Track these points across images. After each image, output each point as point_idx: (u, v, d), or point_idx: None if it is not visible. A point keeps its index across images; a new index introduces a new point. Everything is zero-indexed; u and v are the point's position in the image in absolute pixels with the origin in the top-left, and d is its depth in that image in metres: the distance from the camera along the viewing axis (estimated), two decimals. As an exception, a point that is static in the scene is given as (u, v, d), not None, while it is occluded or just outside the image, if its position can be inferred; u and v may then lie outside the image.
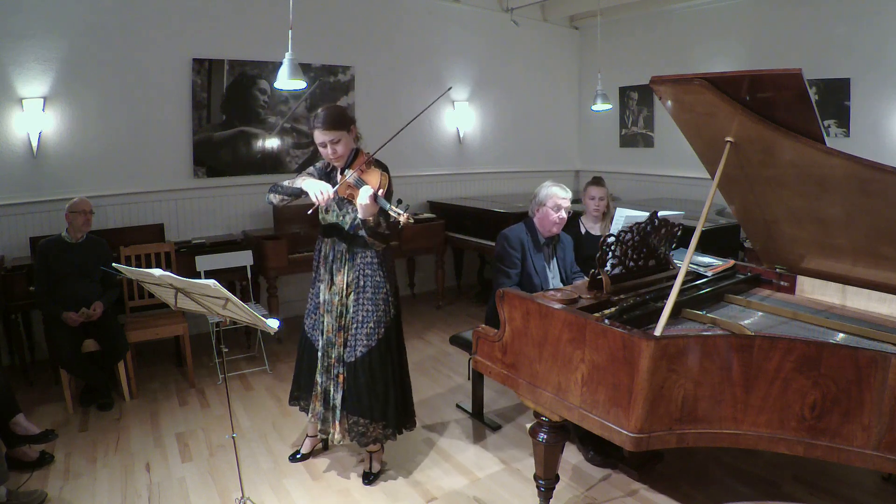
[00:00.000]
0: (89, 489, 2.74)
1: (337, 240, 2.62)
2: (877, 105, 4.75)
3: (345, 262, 2.61)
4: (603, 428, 1.88)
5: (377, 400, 2.64)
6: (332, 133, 2.49)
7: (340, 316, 2.63)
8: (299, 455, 2.98)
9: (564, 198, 3.09)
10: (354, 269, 2.61)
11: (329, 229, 2.65)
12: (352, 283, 2.61)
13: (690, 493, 2.67)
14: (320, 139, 2.50)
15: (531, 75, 6.80)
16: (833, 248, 2.33)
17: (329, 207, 2.60)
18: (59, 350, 3.46)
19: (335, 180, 2.64)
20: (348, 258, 2.61)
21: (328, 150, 2.52)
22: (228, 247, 4.48)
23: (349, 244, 2.60)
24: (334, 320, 2.64)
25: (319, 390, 2.71)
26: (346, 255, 2.61)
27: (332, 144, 2.50)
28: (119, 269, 2.21)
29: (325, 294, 2.66)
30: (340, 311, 2.63)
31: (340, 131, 2.50)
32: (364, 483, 2.80)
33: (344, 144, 2.53)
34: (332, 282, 2.64)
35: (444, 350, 4.51)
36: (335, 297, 2.63)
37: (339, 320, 2.63)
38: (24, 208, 4.18)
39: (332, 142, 2.50)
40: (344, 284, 2.62)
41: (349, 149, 2.56)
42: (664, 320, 1.86)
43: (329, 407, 2.68)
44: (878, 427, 1.69)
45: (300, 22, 3.99)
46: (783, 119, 1.96)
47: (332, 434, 2.69)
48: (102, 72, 4.34)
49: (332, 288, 2.64)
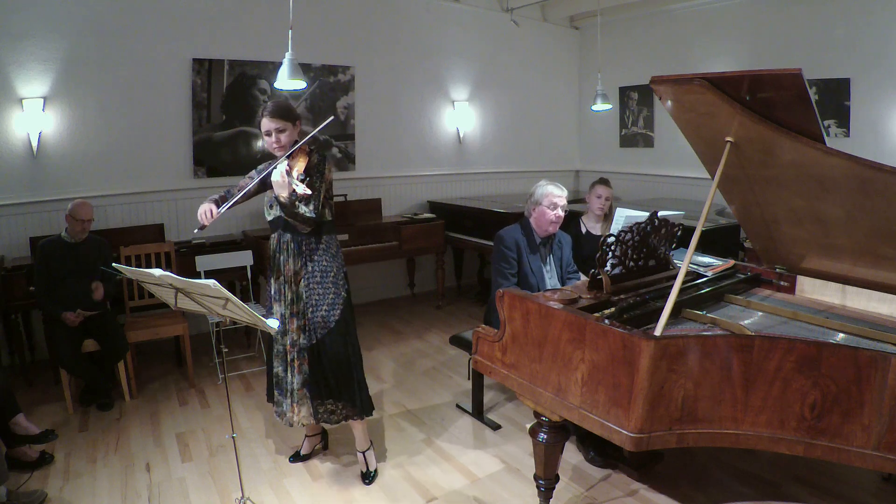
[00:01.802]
0: (89, 489, 2.74)
1: (281, 231, 2.67)
2: (877, 105, 4.75)
3: (290, 251, 2.66)
4: (603, 428, 1.88)
5: (342, 379, 2.71)
6: (278, 122, 2.55)
7: (292, 303, 2.67)
8: (300, 456, 2.99)
9: (560, 196, 3.07)
10: (301, 257, 2.66)
11: (274, 224, 2.70)
12: (300, 270, 2.66)
13: (690, 493, 2.67)
14: (266, 127, 2.56)
15: (531, 75, 6.80)
16: (833, 248, 2.33)
17: (272, 203, 2.64)
18: (59, 350, 3.46)
19: None
20: (293, 247, 2.66)
21: (272, 139, 2.57)
22: (228, 247, 4.48)
23: (293, 233, 2.66)
24: (285, 308, 2.68)
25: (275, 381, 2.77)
26: (290, 244, 2.66)
27: (276, 133, 2.56)
28: (119, 269, 2.21)
29: (275, 284, 2.71)
30: (291, 298, 2.67)
31: (286, 122, 2.56)
32: (364, 483, 2.81)
33: (287, 136, 2.58)
34: (281, 272, 2.68)
35: (444, 350, 4.51)
36: (283, 286, 2.68)
37: (291, 307, 2.67)
38: (24, 208, 4.18)
39: (277, 130, 2.55)
40: (291, 273, 2.66)
41: (291, 141, 2.61)
42: (664, 320, 1.86)
43: (286, 392, 2.72)
44: (877, 427, 1.69)
45: (300, 22, 3.99)
46: (783, 119, 1.96)
47: (291, 416, 2.72)
48: (102, 72, 4.34)
49: (279, 277, 2.69)
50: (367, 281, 5.87)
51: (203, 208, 2.51)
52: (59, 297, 3.52)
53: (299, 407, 2.70)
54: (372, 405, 2.86)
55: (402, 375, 4.09)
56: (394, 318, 5.40)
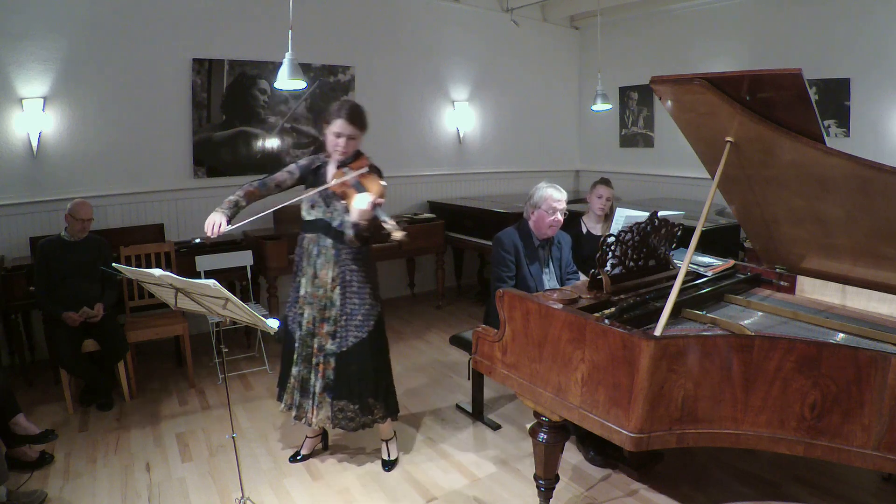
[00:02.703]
0: (89, 489, 2.74)
1: (322, 235, 2.64)
2: (877, 105, 4.75)
3: (329, 257, 2.64)
4: (603, 428, 1.88)
5: (367, 387, 2.71)
6: (354, 129, 2.53)
7: (324, 308, 2.67)
8: (300, 456, 2.99)
9: (560, 199, 3.04)
10: (339, 265, 2.64)
11: (313, 225, 2.66)
12: (336, 277, 2.64)
13: (690, 493, 2.67)
14: (339, 128, 2.51)
15: (531, 75, 6.79)
16: (833, 248, 2.33)
17: (315, 203, 2.62)
18: (59, 350, 3.46)
19: (323, 178, 2.66)
20: (333, 254, 2.64)
21: (341, 142, 2.53)
22: (228, 247, 4.48)
23: (334, 240, 2.63)
24: (316, 312, 2.67)
25: (294, 381, 2.76)
26: (330, 250, 2.64)
27: (347, 139, 2.53)
28: (119, 269, 2.21)
29: (308, 287, 2.69)
30: (325, 303, 2.66)
31: (361, 130, 2.55)
32: (385, 470, 2.88)
33: (355, 144, 2.57)
34: (316, 275, 2.66)
35: (444, 350, 4.51)
36: (318, 290, 2.66)
37: (323, 312, 2.67)
38: (24, 208, 4.18)
39: (349, 136, 2.53)
40: (329, 279, 2.64)
41: (354, 150, 2.59)
42: (664, 320, 1.86)
43: (308, 395, 2.73)
44: (877, 427, 1.69)
45: (300, 22, 3.99)
46: (783, 119, 1.96)
47: (311, 417, 2.73)
48: (102, 72, 4.34)
49: (315, 281, 2.67)
50: (367, 281, 5.87)
51: (212, 220, 2.45)
52: (59, 296, 3.52)
53: (318, 410, 2.71)
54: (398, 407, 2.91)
55: (401, 375, 4.08)
56: (394, 318, 5.39)
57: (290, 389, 2.78)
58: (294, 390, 2.76)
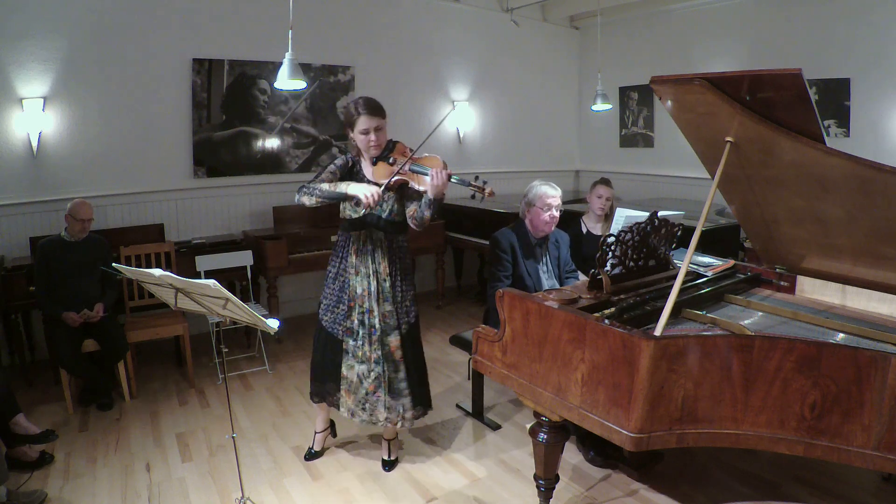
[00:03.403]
0: (89, 489, 2.74)
1: (373, 230, 2.64)
2: (877, 105, 4.75)
3: (385, 249, 2.66)
4: (603, 428, 1.88)
5: (421, 373, 2.78)
6: (378, 119, 2.52)
7: (387, 301, 2.68)
8: (314, 453, 2.99)
9: (554, 196, 3.05)
10: (391, 253, 2.68)
11: (360, 222, 2.64)
12: (391, 266, 2.68)
13: (690, 493, 2.67)
14: (365, 125, 2.50)
15: (531, 75, 6.79)
16: (833, 248, 2.33)
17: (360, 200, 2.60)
18: (59, 350, 3.46)
19: (360, 175, 2.65)
20: (386, 245, 2.66)
21: (371, 137, 2.52)
22: (228, 247, 4.48)
23: (386, 232, 2.65)
24: (390, 305, 2.68)
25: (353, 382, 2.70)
26: (384, 242, 2.66)
27: (375, 131, 2.52)
28: (119, 269, 2.21)
29: (368, 284, 2.65)
30: (388, 296, 2.68)
31: (384, 118, 2.54)
32: (385, 470, 2.88)
33: (384, 133, 2.56)
34: (377, 271, 2.66)
35: (444, 350, 4.51)
36: (384, 282, 2.67)
37: (390, 304, 2.68)
38: (24, 208, 4.18)
39: (377, 128, 2.52)
40: (387, 271, 2.67)
41: (386, 138, 2.59)
42: (664, 320, 1.86)
43: (396, 395, 2.71)
44: (877, 427, 1.69)
45: (300, 22, 3.99)
46: (783, 119, 1.96)
47: (404, 423, 2.74)
48: (102, 72, 4.34)
49: (377, 276, 2.66)
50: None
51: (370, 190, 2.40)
52: (59, 296, 3.52)
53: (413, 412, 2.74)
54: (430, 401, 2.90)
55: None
56: (394, 318, 5.40)
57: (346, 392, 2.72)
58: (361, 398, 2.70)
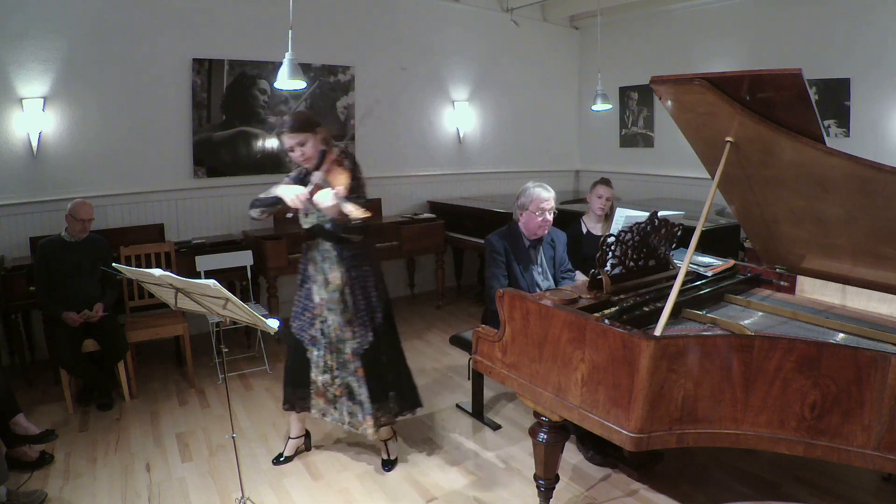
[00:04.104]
0: (89, 489, 2.74)
1: (321, 240, 2.68)
2: (877, 105, 4.74)
3: (333, 259, 2.68)
4: (603, 428, 1.88)
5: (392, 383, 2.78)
6: (297, 135, 2.54)
7: (344, 311, 2.69)
8: (283, 458, 2.98)
9: (547, 199, 3.03)
10: (343, 263, 2.68)
11: (311, 231, 2.71)
12: (344, 276, 2.68)
13: (690, 493, 2.67)
14: (287, 144, 2.57)
15: (531, 75, 6.79)
16: (833, 248, 2.33)
17: (308, 210, 2.63)
18: (59, 350, 3.46)
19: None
20: (335, 255, 2.67)
21: (295, 154, 2.58)
22: (228, 247, 4.48)
23: (334, 242, 2.67)
24: (339, 316, 2.70)
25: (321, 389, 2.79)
26: (332, 252, 2.67)
27: (298, 147, 2.56)
28: (119, 269, 2.21)
29: (322, 293, 2.71)
30: (343, 306, 2.69)
31: (305, 133, 2.55)
32: (385, 470, 2.88)
33: (311, 147, 2.58)
34: (328, 280, 2.69)
35: (444, 350, 4.51)
36: (334, 293, 2.69)
37: (344, 315, 2.69)
38: (24, 208, 4.18)
39: (299, 143, 2.56)
40: (339, 280, 2.68)
41: (317, 151, 2.60)
42: (664, 320, 1.86)
43: (356, 401, 2.75)
44: (877, 427, 1.69)
45: (300, 22, 3.99)
46: (783, 119, 1.96)
47: (365, 429, 2.75)
48: (102, 72, 4.34)
49: (328, 286, 2.69)
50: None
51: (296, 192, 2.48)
52: (59, 296, 3.52)
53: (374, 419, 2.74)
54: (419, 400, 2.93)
55: (402, 375, 4.09)
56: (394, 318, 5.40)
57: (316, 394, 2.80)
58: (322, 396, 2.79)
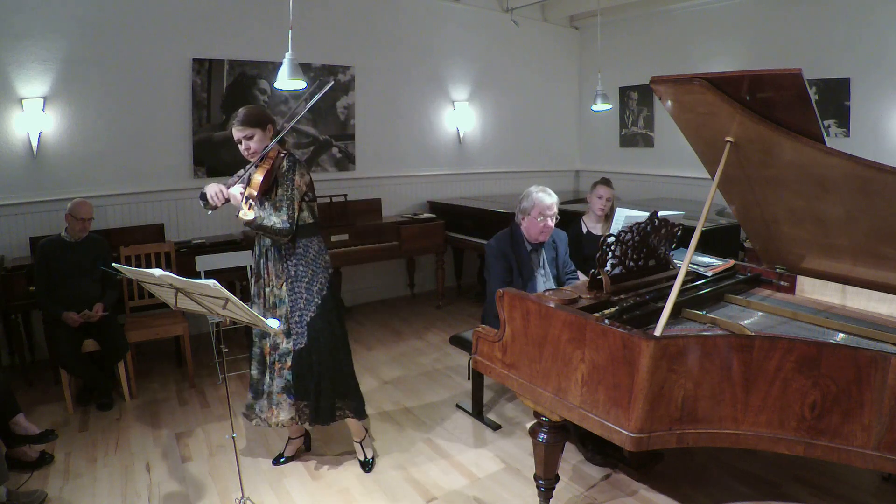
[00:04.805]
0: (89, 489, 2.74)
1: (261, 235, 2.70)
2: (877, 105, 4.75)
3: (271, 255, 2.69)
4: (603, 428, 1.88)
5: (328, 387, 2.73)
6: (245, 129, 2.58)
7: (274, 307, 2.70)
8: (283, 458, 2.99)
9: (550, 205, 3.02)
10: (282, 261, 2.68)
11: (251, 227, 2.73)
12: (282, 274, 2.68)
13: (690, 493, 2.67)
14: (235, 136, 2.61)
15: (531, 75, 6.79)
16: (833, 248, 2.33)
17: (251, 205, 2.63)
18: (59, 350, 3.46)
19: None
20: (274, 252, 2.69)
21: (242, 147, 2.62)
22: (228, 247, 4.48)
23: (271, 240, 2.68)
24: (264, 311, 2.72)
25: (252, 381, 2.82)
26: (271, 248, 2.69)
27: (245, 140, 2.60)
28: (119, 269, 2.21)
29: (254, 287, 2.76)
30: (273, 301, 2.70)
31: (253, 128, 2.58)
32: (365, 471, 2.87)
33: (257, 142, 2.60)
34: (261, 275, 2.73)
35: (444, 350, 4.51)
36: (263, 289, 2.72)
37: (273, 310, 2.70)
38: (24, 208, 4.18)
39: (246, 137, 2.59)
40: (273, 276, 2.69)
41: (262, 146, 2.62)
42: (664, 320, 1.86)
43: (261, 395, 2.77)
44: (877, 427, 1.69)
45: (300, 22, 4.00)
46: (783, 119, 1.96)
47: (268, 417, 2.74)
48: (102, 72, 4.34)
49: (259, 281, 2.74)
50: (366, 281, 5.87)
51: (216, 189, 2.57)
52: (59, 296, 3.52)
53: (278, 409, 2.73)
54: (364, 410, 2.89)
55: (401, 375, 4.09)
56: (394, 318, 5.40)
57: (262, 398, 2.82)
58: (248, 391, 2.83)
